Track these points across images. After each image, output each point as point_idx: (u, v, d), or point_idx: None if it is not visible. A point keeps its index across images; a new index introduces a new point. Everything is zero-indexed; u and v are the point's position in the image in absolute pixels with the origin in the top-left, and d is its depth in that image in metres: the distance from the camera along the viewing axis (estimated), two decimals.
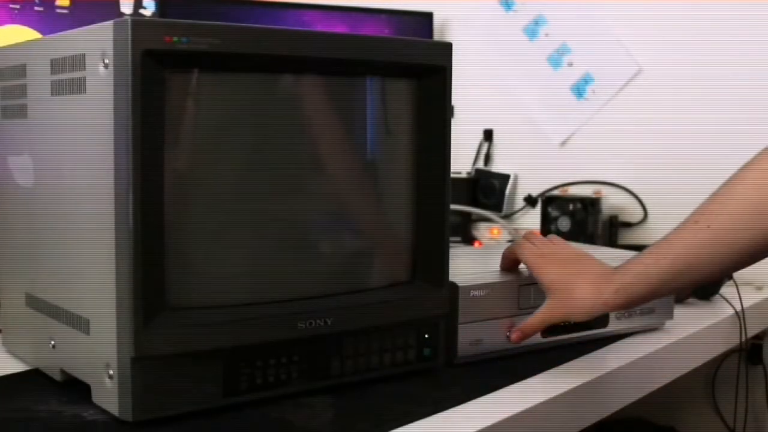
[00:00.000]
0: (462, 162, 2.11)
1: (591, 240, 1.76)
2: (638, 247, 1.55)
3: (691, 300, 1.48)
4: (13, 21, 1.61)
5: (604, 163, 1.92)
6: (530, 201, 2.02)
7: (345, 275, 0.97)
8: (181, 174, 0.85)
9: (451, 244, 1.03)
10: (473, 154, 2.13)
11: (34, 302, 1.00)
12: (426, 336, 1.02)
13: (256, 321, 0.89)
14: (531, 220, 2.00)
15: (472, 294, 1.08)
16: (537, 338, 1.14)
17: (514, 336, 1.09)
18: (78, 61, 0.87)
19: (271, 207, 0.91)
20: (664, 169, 1.83)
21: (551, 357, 1.12)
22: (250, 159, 0.90)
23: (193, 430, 0.85)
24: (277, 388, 0.92)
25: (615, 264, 1.03)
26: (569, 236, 1.76)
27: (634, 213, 1.89)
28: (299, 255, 0.94)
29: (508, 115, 2.07)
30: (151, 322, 0.83)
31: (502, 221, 2.02)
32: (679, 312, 1.31)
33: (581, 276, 1.03)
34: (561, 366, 1.09)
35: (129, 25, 0.79)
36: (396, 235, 1.01)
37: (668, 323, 1.30)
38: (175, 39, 0.80)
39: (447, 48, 1.00)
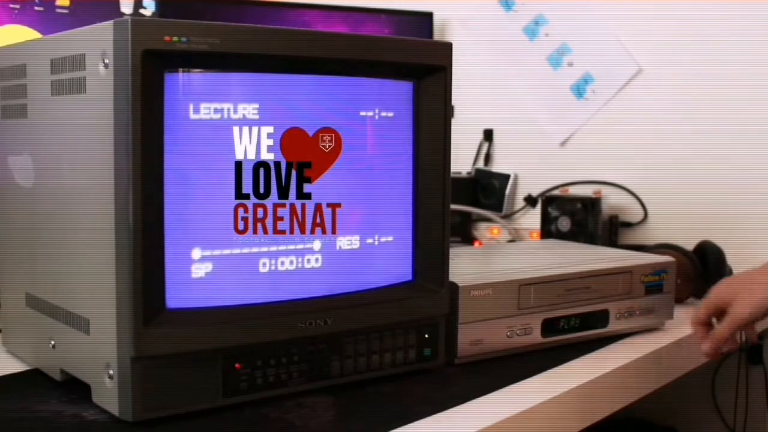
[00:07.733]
0: (462, 162, 2.11)
1: (591, 240, 1.76)
2: (638, 247, 1.55)
3: (691, 300, 1.48)
4: (13, 21, 1.61)
5: (604, 163, 1.91)
6: (530, 201, 2.02)
7: (345, 275, 0.97)
8: (181, 174, 0.85)
9: (451, 244, 1.03)
10: (473, 154, 2.13)
11: (34, 302, 1.00)
12: (426, 336, 1.02)
13: (255, 321, 0.89)
14: (531, 220, 2.00)
15: (472, 294, 1.08)
16: (537, 338, 1.14)
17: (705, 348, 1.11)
18: (78, 61, 0.87)
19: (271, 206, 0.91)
20: (664, 169, 1.83)
21: (551, 357, 1.12)
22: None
23: (193, 430, 0.85)
24: (277, 388, 0.92)
25: None
26: (569, 236, 1.76)
27: (634, 213, 1.88)
28: (299, 255, 0.94)
29: (508, 115, 2.07)
30: (151, 322, 0.83)
31: (502, 221, 2.02)
32: (679, 312, 1.31)
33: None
34: (561, 366, 1.09)
35: (129, 25, 0.79)
36: (396, 235, 1.01)
37: (668, 323, 1.30)
38: (175, 39, 0.80)
39: (447, 48, 1.00)
